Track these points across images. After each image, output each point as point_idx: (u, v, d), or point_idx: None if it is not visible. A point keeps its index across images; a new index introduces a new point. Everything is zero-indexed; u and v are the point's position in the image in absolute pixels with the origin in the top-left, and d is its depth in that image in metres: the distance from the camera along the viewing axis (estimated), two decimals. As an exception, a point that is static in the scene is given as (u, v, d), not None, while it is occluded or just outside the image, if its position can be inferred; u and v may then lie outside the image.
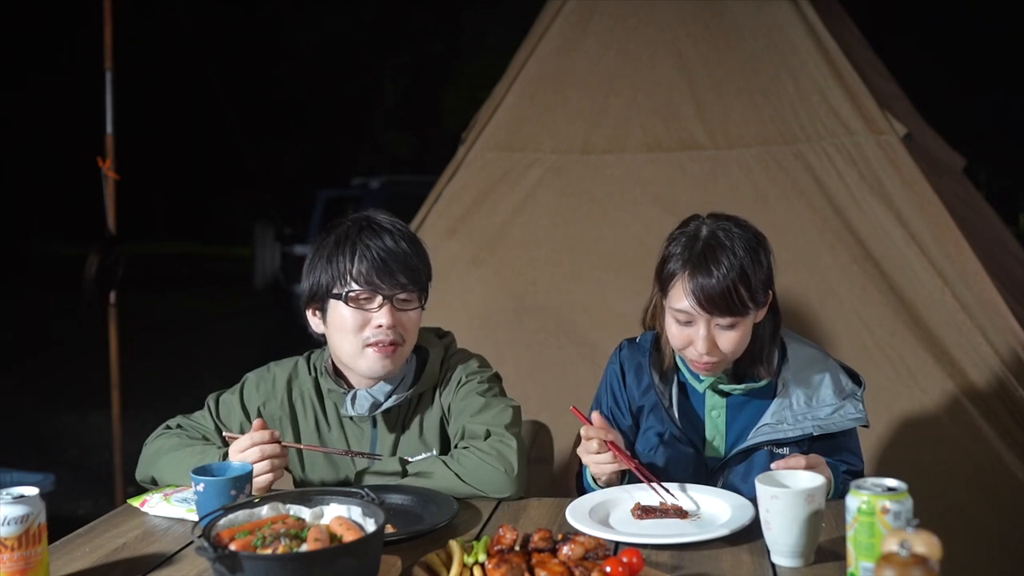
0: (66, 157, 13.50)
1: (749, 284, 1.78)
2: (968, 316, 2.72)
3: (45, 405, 6.86)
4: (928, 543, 1.11)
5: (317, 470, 1.94)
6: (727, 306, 1.77)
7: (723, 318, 1.79)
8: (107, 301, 4.12)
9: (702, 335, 1.80)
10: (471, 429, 1.83)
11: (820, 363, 1.92)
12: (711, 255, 1.79)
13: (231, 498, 1.54)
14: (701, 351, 1.80)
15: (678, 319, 1.83)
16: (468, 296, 3.08)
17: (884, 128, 2.93)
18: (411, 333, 1.85)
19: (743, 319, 1.81)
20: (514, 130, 3.27)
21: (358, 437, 1.92)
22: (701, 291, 1.77)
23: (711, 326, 1.80)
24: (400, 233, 1.85)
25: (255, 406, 1.94)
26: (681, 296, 1.80)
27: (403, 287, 1.81)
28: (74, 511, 4.41)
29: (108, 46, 3.98)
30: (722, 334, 1.81)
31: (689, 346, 1.83)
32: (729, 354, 1.83)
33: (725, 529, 1.50)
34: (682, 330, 1.83)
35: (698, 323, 1.80)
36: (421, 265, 1.86)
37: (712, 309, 1.77)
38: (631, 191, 3.06)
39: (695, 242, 1.82)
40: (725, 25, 3.16)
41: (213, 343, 10.04)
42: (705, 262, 1.78)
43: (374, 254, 1.79)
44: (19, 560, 1.33)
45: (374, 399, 1.87)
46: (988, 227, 3.52)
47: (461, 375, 1.93)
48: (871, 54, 3.59)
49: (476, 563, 1.34)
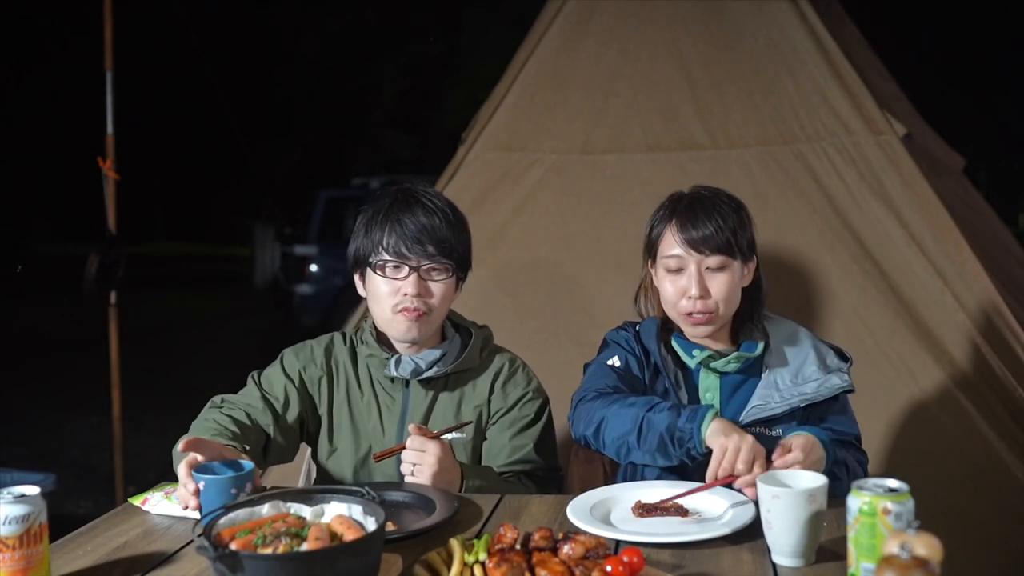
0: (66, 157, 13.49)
1: (734, 230, 1.89)
2: (968, 316, 2.72)
3: (45, 405, 6.86)
4: (929, 545, 1.11)
5: (344, 435, 1.98)
6: (715, 243, 1.87)
7: (713, 257, 1.88)
8: (107, 301, 4.12)
9: (694, 277, 1.88)
10: (527, 455, 1.97)
11: (802, 340, 1.99)
12: (697, 205, 1.92)
13: (232, 496, 1.55)
14: (694, 294, 1.87)
15: (669, 267, 1.91)
16: (468, 296, 3.08)
17: (884, 128, 2.93)
18: (440, 302, 1.93)
19: (731, 263, 1.90)
20: (514, 130, 3.27)
21: (389, 404, 1.97)
22: (691, 230, 1.88)
23: (702, 268, 1.89)
24: (433, 206, 1.93)
25: (296, 370, 2.01)
26: (671, 243, 1.91)
27: (431, 257, 1.90)
28: (74, 511, 4.41)
29: (108, 46, 3.98)
30: (713, 277, 1.89)
31: (682, 298, 1.90)
32: (721, 303, 1.90)
33: (726, 528, 1.50)
34: (675, 281, 1.91)
35: (688, 266, 1.89)
36: (454, 237, 1.93)
37: (702, 248, 1.87)
38: (631, 191, 3.06)
39: (679, 201, 1.95)
40: (725, 25, 3.16)
41: (213, 343, 10.04)
42: (692, 210, 1.91)
43: (404, 228, 1.89)
44: (20, 559, 1.33)
45: (416, 365, 1.94)
46: (988, 227, 3.52)
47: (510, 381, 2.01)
48: (871, 54, 3.59)
49: (477, 562, 1.34)
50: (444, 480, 1.77)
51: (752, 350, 1.94)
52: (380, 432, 1.96)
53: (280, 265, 12.36)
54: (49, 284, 11.92)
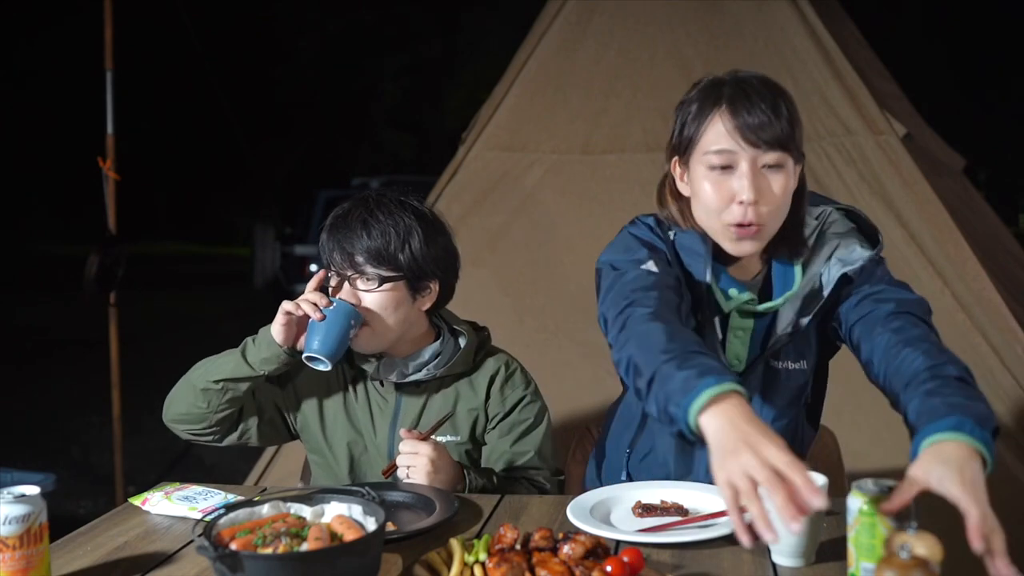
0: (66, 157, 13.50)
1: (792, 120, 1.56)
2: (968, 316, 2.72)
3: (45, 405, 6.86)
4: (929, 545, 1.11)
5: (339, 432, 1.96)
6: (775, 135, 1.53)
7: (770, 152, 1.54)
8: (107, 301, 4.12)
9: (747, 176, 1.53)
10: (529, 461, 1.94)
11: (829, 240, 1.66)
12: (748, 87, 1.57)
13: (349, 327, 1.76)
14: (747, 198, 1.53)
15: (714, 164, 1.56)
16: (468, 296, 3.08)
17: (884, 128, 2.93)
18: (378, 316, 1.84)
19: (788, 163, 1.57)
20: (514, 130, 3.27)
21: (382, 406, 1.96)
22: (745, 115, 1.53)
23: (756, 165, 1.55)
24: (371, 217, 1.85)
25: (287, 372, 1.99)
26: (719, 133, 1.55)
27: (357, 268, 1.83)
28: (74, 511, 4.41)
29: (108, 46, 3.98)
30: (769, 176, 1.55)
31: (730, 203, 1.56)
32: (773, 212, 1.57)
33: (726, 528, 1.50)
34: (720, 182, 1.56)
35: (740, 164, 1.55)
36: (395, 248, 1.84)
37: (758, 140, 1.53)
38: (631, 191, 3.06)
39: (722, 85, 1.59)
40: (725, 25, 3.16)
41: (213, 343, 10.00)
42: (744, 93, 1.56)
43: (338, 236, 1.85)
44: (20, 559, 1.33)
45: (401, 368, 1.92)
46: (988, 227, 3.53)
47: (507, 384, 1.98)
48: (871, 54, 3.60)
49: (477, 562, 1.34)
50: (440, 480, 1.77)
51: (789, 284, 1.65)
52: (373, 434, 1.95)
53: (280, 265, 12.38)
54: (49, 284, 11.94)
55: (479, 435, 1.97)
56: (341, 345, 1.77)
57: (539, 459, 1.96)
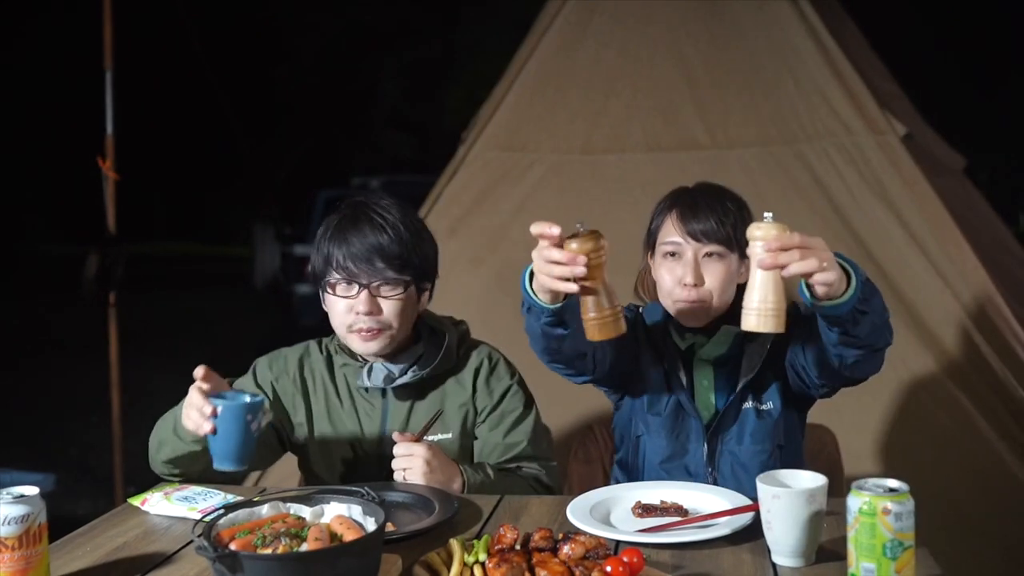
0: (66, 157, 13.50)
1: (735, 225, 1.86)
2: (968, 315, 2.72)
3: (45, 405, 6.86)
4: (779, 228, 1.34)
5: (329, 443, 1.95)
6: (713, 231, 1.86)
7: (709, 245, 1.87)
8: (107, 301, 4.12)
9: (690, 263, 1.87)
10: (523, 451, 1.94)
11: None
12: (700, 198, 1.92)
13: (246, 424, 1.57)
14: (689, 281, 1.86)
15: (667, 252, 1.91)
16: (468, 296, 3.08)
17: (884, 128, 2.93)
18: (396, 317, 1.87)
19: (729, 255, 1.88)
20: (514, 130, 3.27)
21: (369, 412, 1.95)
22: (691, 222, 1.87)
23: (698, 255, 1.88)
24: (383, 222, 1.87)
25: (268, 382, 1.98)
26: (671, 231, 1.91)
27: (380, 274, 1.85)
28: (74, 511, 4.40)
29: (108, 46, 3.98)
30: (708, 265, 1.88)
31: (677, 286, 1.89)
32: (715, 292, 1.87)
33: (726, 528, 1.50)
34: (672, 268, 1.90)
35: (685, 253, 1.88)
36: (407, 251, 1.87)
37: (699, 235, 1.87)
38: (631, 191, 3.06)
39: (683, 194, 1.96)
40: (725, 25, 3.16)
41: (213, 343, 10.02)
42: (694, 202, 1.91)
43: (350, 246, 1.85)
44: (20, 560, 1.33)
45: (388, 372, 1.91)
46: (988, 227, 3.52)
47: (491, 376, 1.98)
48: (871, 54, 3.60)
49: (476, 562, 1.34)
50: (436, 480, 1.77)
51: (731, 332, 1.90)
52: (362, 441, 1.94)
53: (280, 265, 12.36)
54: (49, 284, 11.93)
55: (470, 430, 1.97)
56: (245, 447, 1.59)
57: (532, 448, 1.95)
